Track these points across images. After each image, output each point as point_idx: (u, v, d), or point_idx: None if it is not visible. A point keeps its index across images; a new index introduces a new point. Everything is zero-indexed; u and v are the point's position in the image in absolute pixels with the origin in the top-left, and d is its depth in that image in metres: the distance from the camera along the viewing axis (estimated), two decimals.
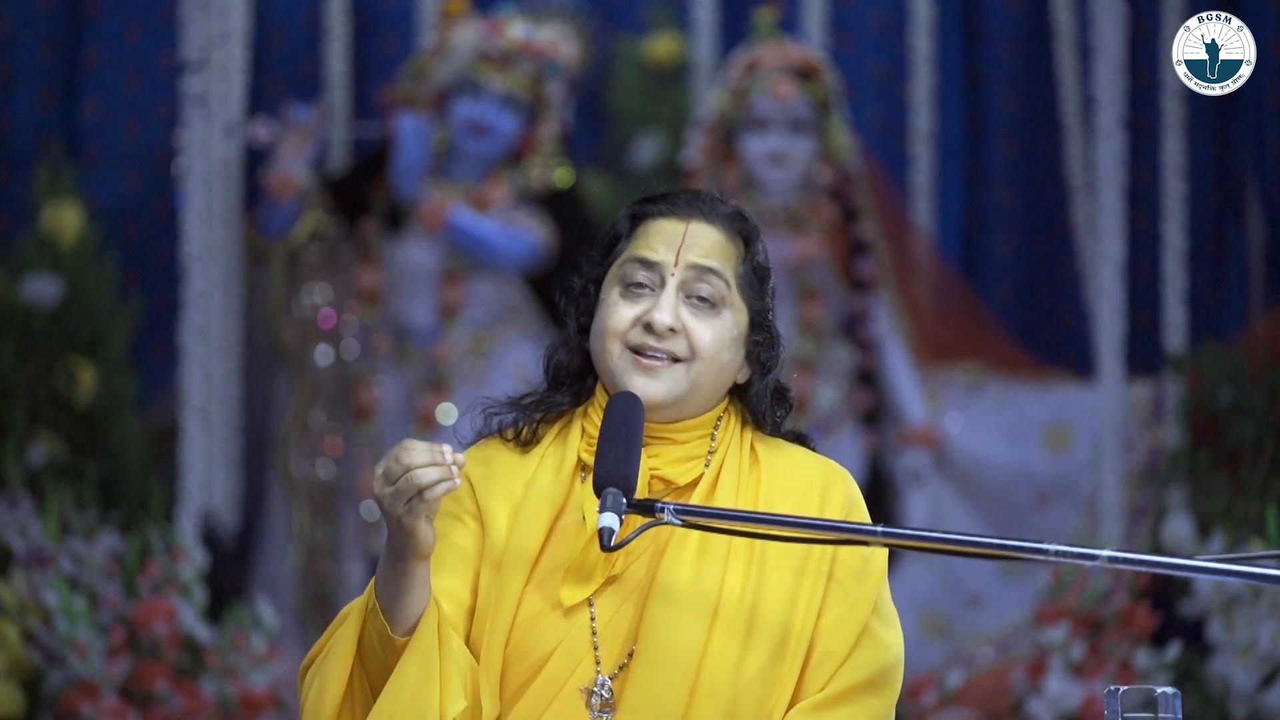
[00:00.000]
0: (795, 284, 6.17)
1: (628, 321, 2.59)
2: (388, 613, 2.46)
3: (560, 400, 2.65)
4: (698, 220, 2.63)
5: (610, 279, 2.63)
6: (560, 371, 2.66)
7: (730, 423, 2.64)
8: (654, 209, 2.65)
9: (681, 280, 2.59)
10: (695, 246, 2.61)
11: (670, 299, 2.58)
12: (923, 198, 6.45)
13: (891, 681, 2.56)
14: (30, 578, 5.44)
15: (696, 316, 2.59)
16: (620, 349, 2.58)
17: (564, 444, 2.63)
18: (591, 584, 2.54)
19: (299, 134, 5.98)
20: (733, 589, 2.54)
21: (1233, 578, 2.35)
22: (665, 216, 2.64)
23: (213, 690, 5.48)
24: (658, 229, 2.63)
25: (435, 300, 6.06)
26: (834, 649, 2.54)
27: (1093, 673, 5.58)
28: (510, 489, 2.60)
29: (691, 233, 2.62)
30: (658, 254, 2.60)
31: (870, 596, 2.57)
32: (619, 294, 2.60)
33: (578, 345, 2.65)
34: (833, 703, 2.53)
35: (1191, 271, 6.02)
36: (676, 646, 2.51)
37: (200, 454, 5.81)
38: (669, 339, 2.57)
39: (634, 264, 2.61)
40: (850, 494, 2.63)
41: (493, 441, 2.66)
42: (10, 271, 5.76)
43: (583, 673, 2.53)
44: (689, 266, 2.60)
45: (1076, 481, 6.11)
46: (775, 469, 2.62)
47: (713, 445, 2.62)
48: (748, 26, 6.26)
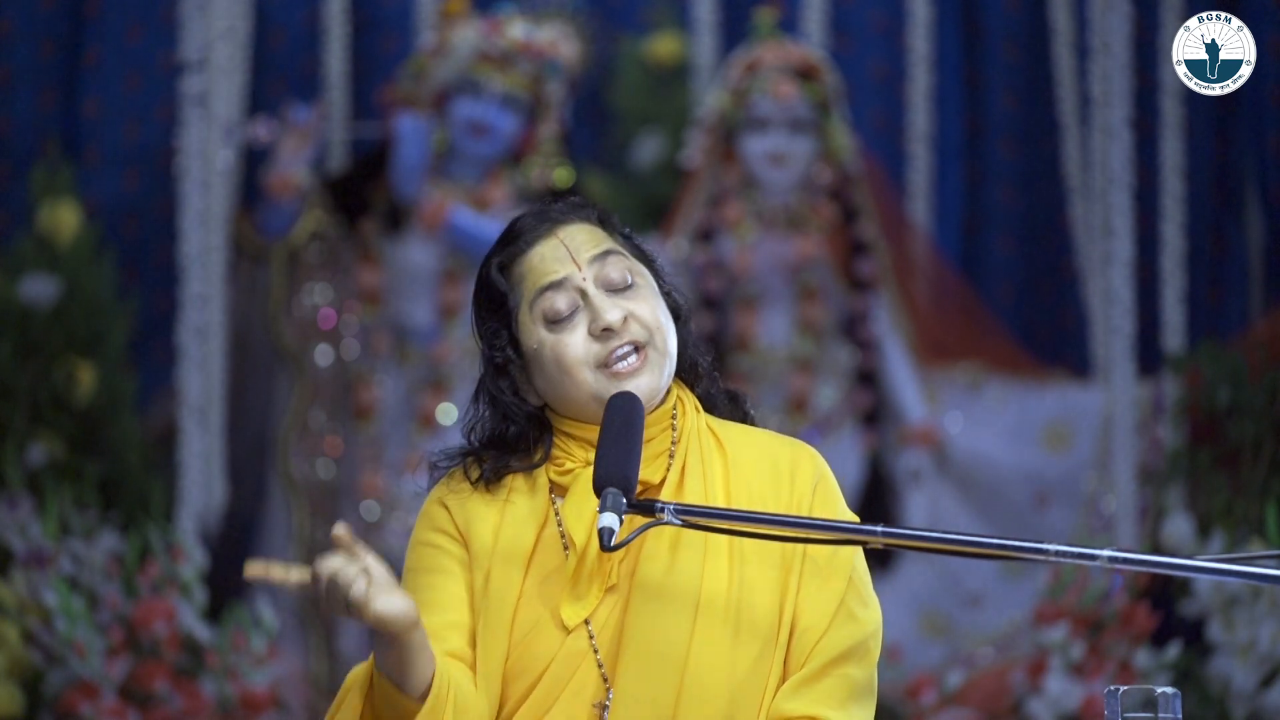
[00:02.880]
0: (795, 284, 6.18)
1: (582, 345, 2.57)
2: (394, 680, 2.45)
3: (519, 465, 2.62)
4: (561, 227, 2.62)
5: (526, 328, 2.59)
6: (519, 444, 2.62)
7: (685, 409, 2.64)
8: (517, 246, 2.63)
9: (594, 277, 2.59)
10: (580, 245, 2.60)
11: (601, 298, 2.57)
12: (922, 198, 6.46)
13: (870, 651, 2.57)
14: (30, 578, 5.44)
15: (627, 298, 2.58)
16: (592, 373, 2.57)
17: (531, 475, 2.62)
18: (590, 601, 2.54)
19: (299, 134, 5.98)
20: (717, 585, 2.54)
21: (1233, 578, 2.35)
22: (533, 244, 2.61)
23: (213, 690, 5.48)
24: (538, 256, 2.60)
25: (435, 300, 6.07)
26: (811, 625, 2.55)
27: (1093, 673, 5.58)
28: (488, 508, 2.60)
29: (566, 237, 2.61)
30: (558, 272, 2.58)
31: (844, 572, 2.57)
32: (548, 332, 2.58)
33: (522, 413, 2.62)
34: (814, 678, 2.54)
35: (1191, 271, 6.02)
36: (660, 643, 2.52)
37: (199, 454, 5.81)
38: (625, 331, 2.57)
39: (543, 295, 2.58)
40: (818, 469, 2.63)
41: (457, 473, 2.64)
42: (8, 272, 5.77)
43: (586, 686, 2.53)
44: (590, 261, 2.59)
45: (1076, 481, 6.11)
46: (740, 454, 2.62)
47: (674, 436, 2.62)
48: (748, 26, 6.27)
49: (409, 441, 6.04)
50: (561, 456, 2.61)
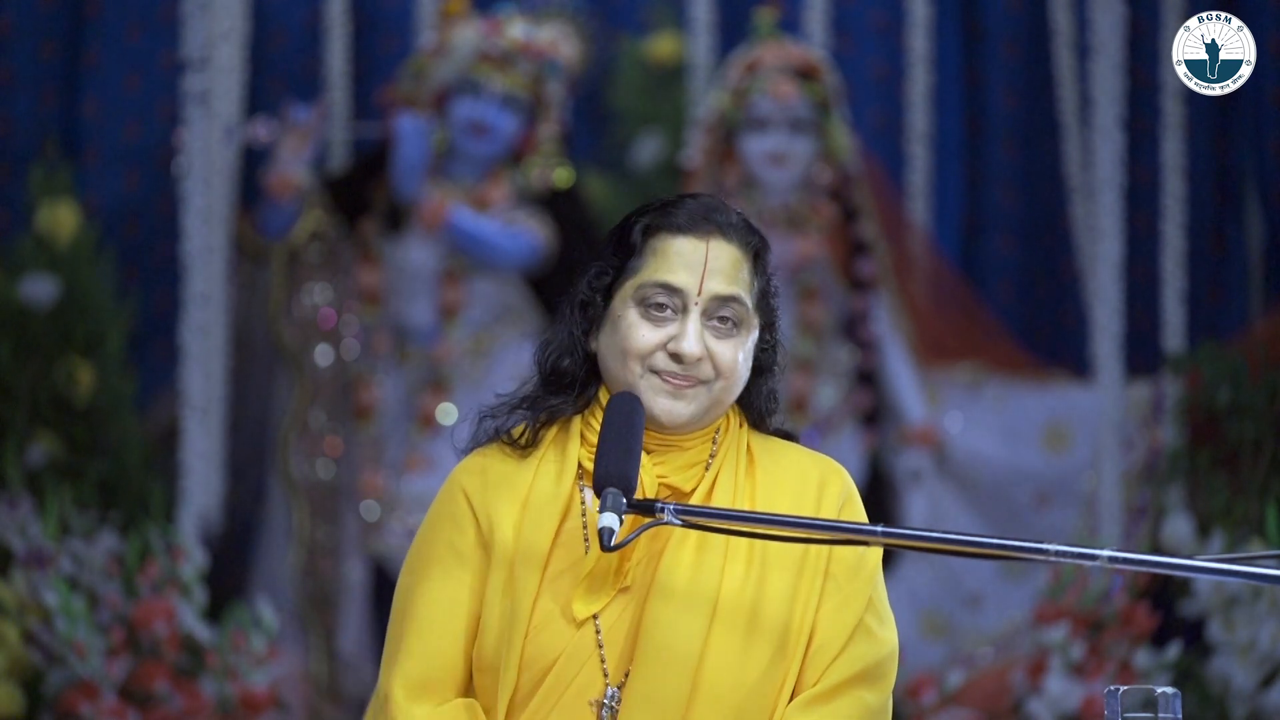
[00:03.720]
0: (795, 284, 6.17)
1: (652, 345, 2.58)
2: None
3: (561, 405, 2.64)
4: (716, 239, 2.60)
5: (626, 294, 2.61)
6: (563, 377, 2.64)
7: (730, 425, 2.65)
8: (669, 223, 2.61)
9: (704, 309, 2.59)
10: (717, 272, 2.59)
11: (695, 327, 2.57)
12: (922, 197, 6.45)
13: (886, 675, 2.57)
14: (30, 578, 5.44)
15: (718, 338, 2.59)
16: (642, 369, 2.58)
17: (563, 449, 2.63)
18: (603, 596, 2.55)
19: (299, 134, 5.98)
20: (732, 588, 2.55)
21: (1233, 578, 2.35)
22: (683, 234, 2.60)
23: (213, 690, 5.48)
24: (677, 250, 2.60)
25: (435, 300, 6.07)
26: (828, 643, 2.55)
27: (1093, 673, 5.58)
28: (511, 495, 2.60)
29: (712, 256, 2.59)
30: (680, 279, 2.58)
31: (865, 592, 2.59)
32: (638, 314, 2.59)
33: (582, 352, 2.64)
34: (827, 696, 2.54)
35: (1191, 271, 6.02)
36: (676, 645, 2.52)
37: (200, 454, 5.81)
38: (695, 366, 2.58)
39: (654, 288, 2.58)
40: (846, 489, 2.64)
41: (489, 449, 2.66)
42: (8, 271, 5.77)
43: (591, 683, 2.54)
44: (714, 295, 2.59)
45: (1076, 481, 6.11)
46: (771, 468, 2.64)
47: (714, 449, 2.63)
48: (748, 26, 6.26)
49: (409, 441, 6.03)
50: (595, 439, 2.60)
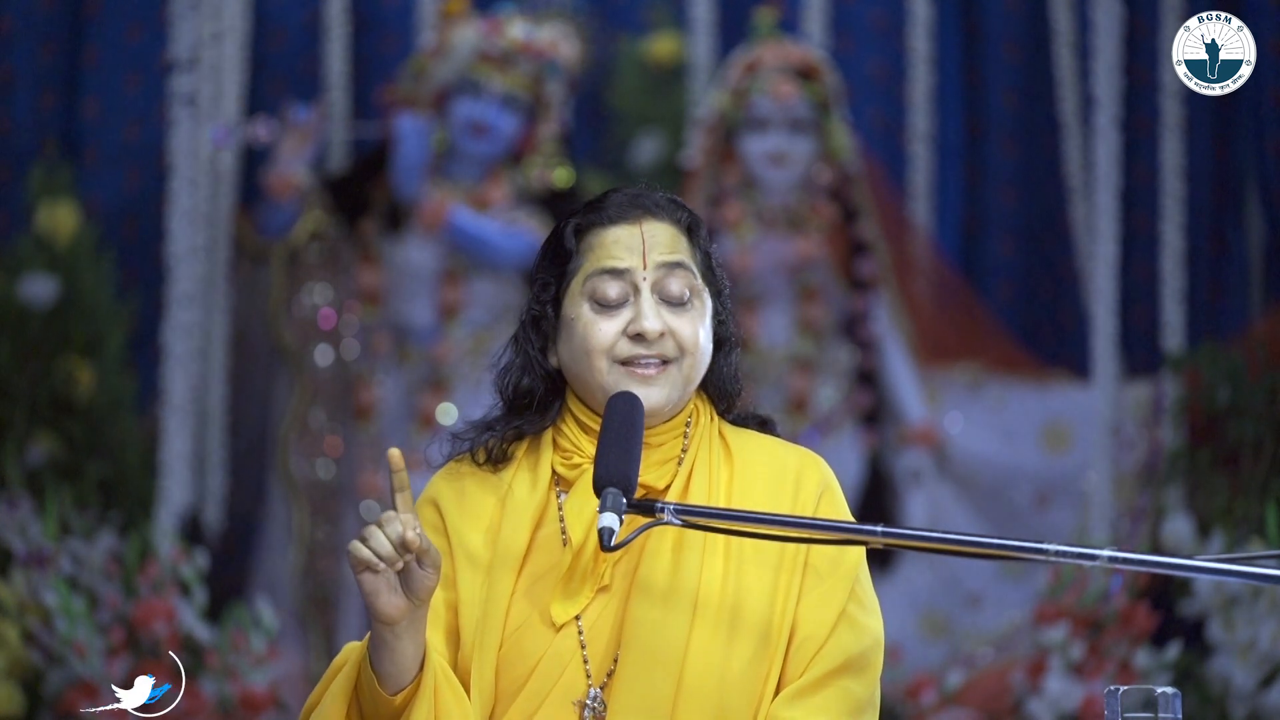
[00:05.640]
0: (795, 284, 6.18)
1: (611, 336, 2.57)
2: (376, 666, 2.47)
3: (526, 425, 2.64)
4: (648, 220, 2.61)
5: (574, 295, 2.60)
6: (525, 396, 2.64)
7: (700, 418, 2.65)
8: (600, 218, 2.62)
9: (653, 281, 2.59)
10: (657, 245, 2.60)
11: (650, 304, 2.57)
12: (922, 198, 6.46)
13: (871, 664, 2.57)
14: (30, 578, 5.44)
15: (675, 314, 2.58)
16: (609, 364, 2.57)
17: (536, 459, 2.63)
18: (581, 599, 2.55)
19: (299, 134, 5.98)
20: (712, 585, 2.54)
21: (1233, 578, 2.35)
22: (615, 224, 2.61)
23: (213, 690, 5.48)
24: (613, 239, 2.60)
25: (435, 300, 6.07)
26: (811, 634, 2.55)
27: (1092, 673, 5.58)
28: (483, 509, 2.61)
29: (648, 234, 2.60)
30: (623, 261, 2.58)
31: (846, 581, 2.57)
32: (591, 310, 2.58)
33: (540, 369, 2.63)
34: (812, 688, 2.53)
35: (1190, 271, 6.02)
36: (660, 644, 2.52)
37: (181, 453, 5.80)
38: (658, 343, 2.57)
39: (600, 276, 2.58)
40: (824, 481, 2.63)
41: (462, 463, 2.66)
42: (8, 271, 5.77)
43: (573, 684, 2.54)
44: (658, 266, 2.59)
45: (1075, 481, 6.12)
46: (747, 461, 2.63)
47: (685, 444, 2.62)
48: (748, 26, 6.27)
49: (409, 441, 6.03)
50: (570, 448, 2.61)
